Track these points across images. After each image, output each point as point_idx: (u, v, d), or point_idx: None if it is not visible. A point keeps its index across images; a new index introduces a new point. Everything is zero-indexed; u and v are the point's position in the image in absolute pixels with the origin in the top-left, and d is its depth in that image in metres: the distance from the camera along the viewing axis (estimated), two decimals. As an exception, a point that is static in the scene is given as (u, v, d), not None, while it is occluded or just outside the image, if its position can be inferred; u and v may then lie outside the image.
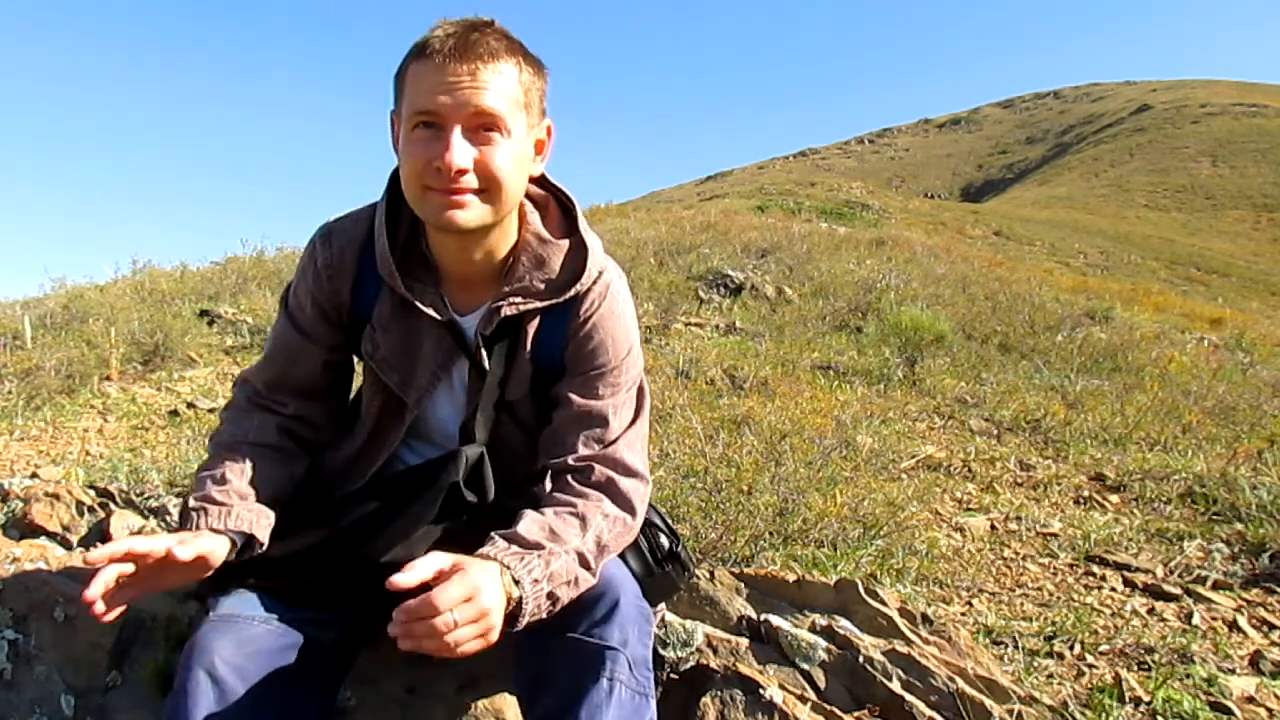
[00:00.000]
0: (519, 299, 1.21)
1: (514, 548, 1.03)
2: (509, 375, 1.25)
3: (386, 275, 1.20)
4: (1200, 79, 59.15)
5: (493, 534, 1.06)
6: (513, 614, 1.00)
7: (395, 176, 1.23)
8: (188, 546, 1.04)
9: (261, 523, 1.18)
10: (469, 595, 0.91)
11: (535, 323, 1.24)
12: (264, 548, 1.18)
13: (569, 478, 1.19)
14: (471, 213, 1.11)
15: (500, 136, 1.10)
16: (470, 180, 1.09)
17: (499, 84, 1.09)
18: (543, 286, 1.21)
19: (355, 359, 1.37)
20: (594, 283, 1.24)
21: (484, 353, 1.22)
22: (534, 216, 1.25)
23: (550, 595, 1.03)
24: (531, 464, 1.30)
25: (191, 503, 1.16)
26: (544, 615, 1.04)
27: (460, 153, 1.07)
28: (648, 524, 1.33)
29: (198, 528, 1.13)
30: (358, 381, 1.41)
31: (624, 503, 1.17)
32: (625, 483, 1.18)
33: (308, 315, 1.28)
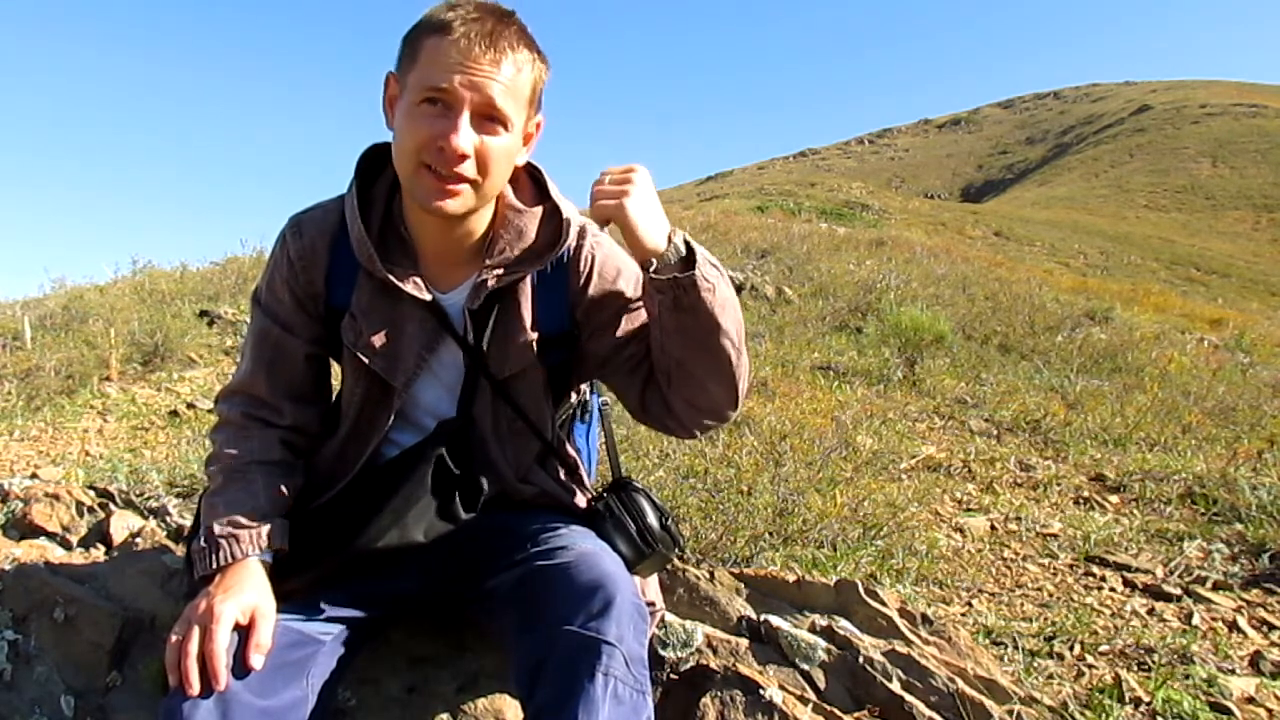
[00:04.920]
0: (500, 270, 1.21)
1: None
2: (503, 350, 1.25)
3: (365, 259, 1.20)
4: (1200, 79, 59.18)
5: None
6: (688, 258, 1.10)
7: (363, 161, 1.24)
8: (260, 646, 1.05)
9: (286, 537, 1.19)
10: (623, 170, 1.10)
11: (527, 291, 1.24)
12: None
13: None
14: (460, 201, 1.12)
15: (503, 130, 1.11)
16: (468, 167, 1.10)
17: (514, 78, 1.10)
18: (523, 255, 1.22)
19: (334, 359, 1.35)
20: (581, 240, 1.26)
21: (471, 329, 1.22)
22: (507, 189, 1.25)
23: (711, 265, 1.11)
24: (537, 445, 1.31)
25: (217, 530, 1.15)
26: (710, 284, 1.10)
27: (465, 138, 1.07)
28: (633, 502, 1.32)
29: (232, 556, 1.13)
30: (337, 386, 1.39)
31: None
32: None
33: (286, 306, 1.27)
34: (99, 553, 1.89)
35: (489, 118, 1.09)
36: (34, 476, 2.58)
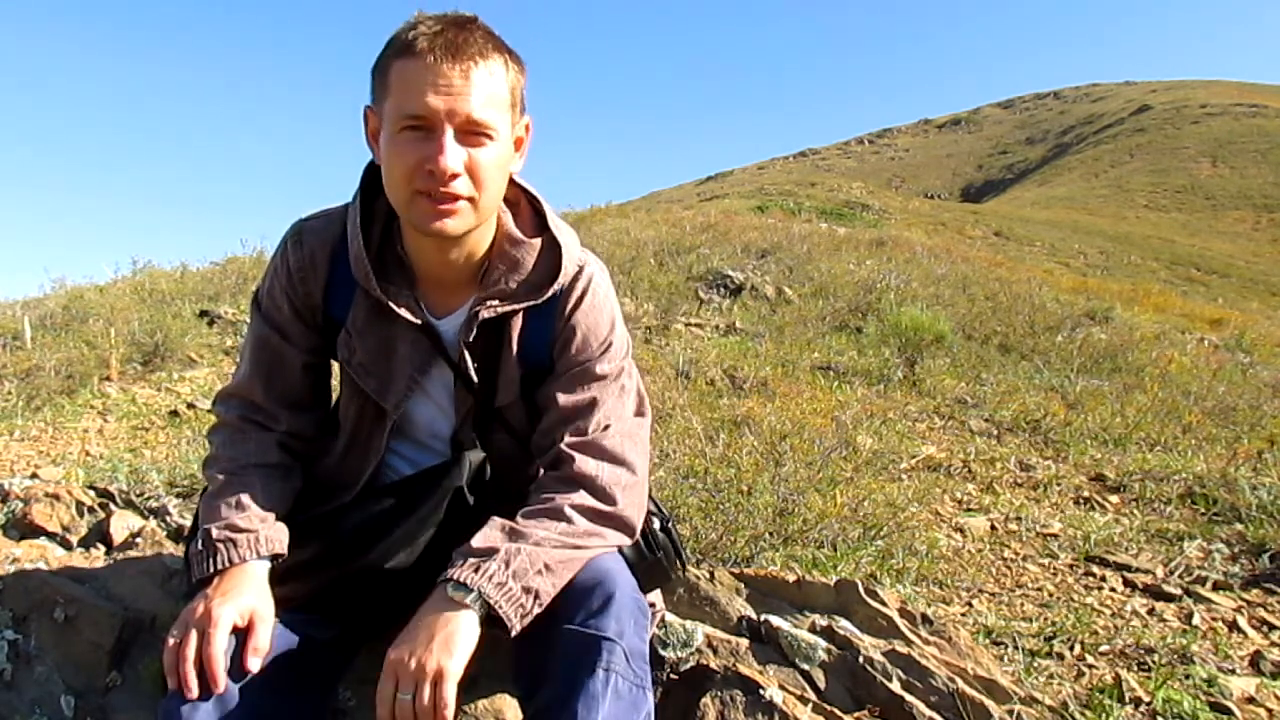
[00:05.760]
0: (496, 302, 1.19)
1: (469, 560, 1.05)
2: (496, 380, 1.24)
3: (361, 278, 1.18)
4: (1200, 79, 59.17)
5: (453, 552, 1.09)
6: (494, 618, 1.02)
7: (368, 174, 1.22)
8: (258, 650, 1.06)
9: (285, 540, 1.18)
10: (395, 677, 0.99)
11: (519, 324, 1.23)
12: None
13: (550, 473, 1.19)
14: (459, 220, 1.10)
15: (490, 139, 1.09)
16: (461, 185, 1.07)
17: (490, 85, 1.08)
18: (518, 287, 1.20)
19: (332, 364, 1.34)
20: (576, 279, 1.24)
21: (468, 359, 1.21)
22: (506, 217, 1.23)
23: (526, 589, 1.04)
24: (527, 469, 1.30)
25: (215, 533, 1.14)
26: (534, 610, 1.05)
27: (453, 156, 1.05)
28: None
29: (230, 561, 1.12)
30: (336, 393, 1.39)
31: (602, 494, 1.16)
32: (608, 471, 1.17)
33: (284, 315, 1.26)
34: (99, 553, 1.89)
35: (472, 131, 1.07)
36: (34, 476, 2.57)
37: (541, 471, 1.22)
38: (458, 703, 0.99)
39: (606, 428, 1.20)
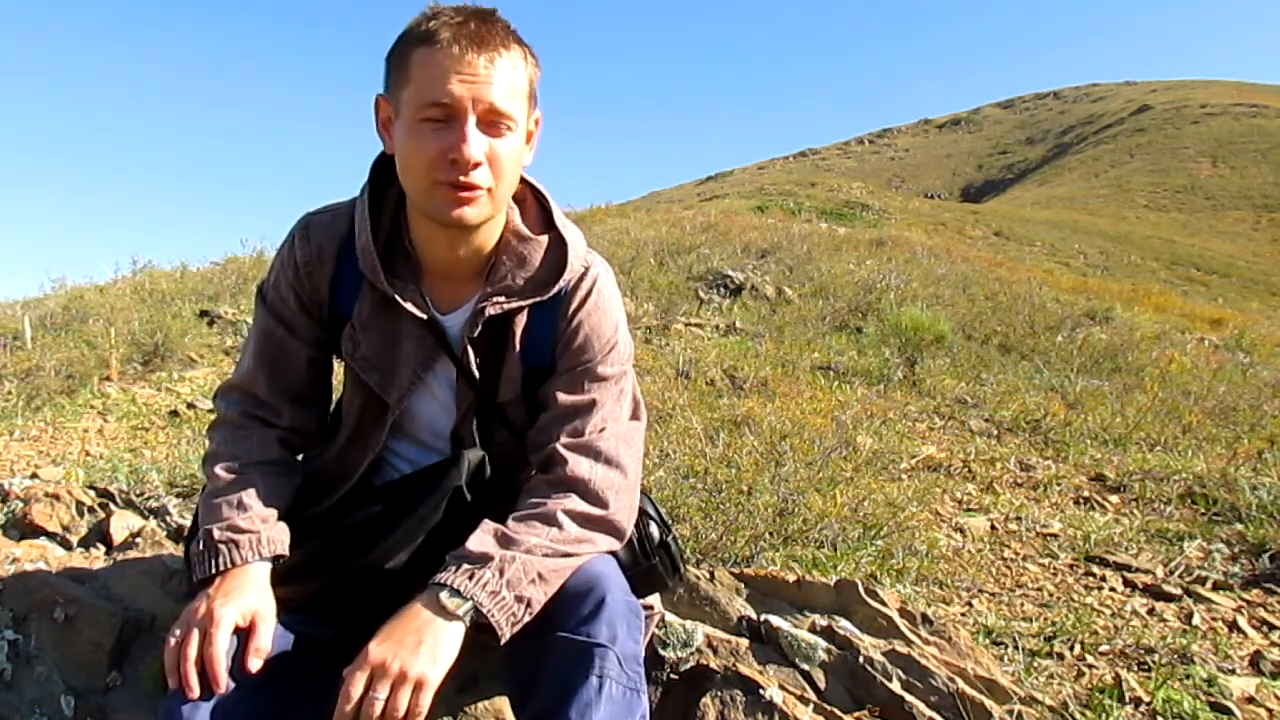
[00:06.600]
0: (502, 298, 1.19)
1: (464, 566, 1.04)
2: (498, 377, 1.24)
3: (369, 270, 1.18)
4: (1200, 79, 59.18)
5: (446, 556, 1.08)
6: (485, 625, 1.02)
7: (377, 167, 1.22)
8: (259, 651, 1.06)
9: (286, 541, 1.17)
10: (372, 675, 0.97)
11: (523, 321, 1.23)
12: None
13: (541, 475, 1.19)
14: (478, 209, 1.10)
15: (510, 130, 1.09)
16: (481, 174, 1.07)
17: (511, 76, 1.08)
18: (524, 284, 1.20)
19: (336, 361, 1.34)
20: (581, 279, 1.24)
21: (471, 355, 1.21)
22: (514, 213, 1.23)
23: (519, 599, 1.03)
24: (526, 468, 1.30)
25: (217, 534, 1.13)
26: (525, 618, 1.04)
27: (476, 145, 1.05)
28: (639, 512, 1.30)
29: (232, 562, 1.11)
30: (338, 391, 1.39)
31: (594, 498, 1.15)
32: (600, 474, 1.16)
33: (290, 308, 1.25)
34: (99, 553, 1.89)
35: (493, 121, 1.07)
36: (34, 476, 2.57)
37: (534, 472, 1.22)
38: (432, 709, 0.98)
39: (603, 430, 1.20)
